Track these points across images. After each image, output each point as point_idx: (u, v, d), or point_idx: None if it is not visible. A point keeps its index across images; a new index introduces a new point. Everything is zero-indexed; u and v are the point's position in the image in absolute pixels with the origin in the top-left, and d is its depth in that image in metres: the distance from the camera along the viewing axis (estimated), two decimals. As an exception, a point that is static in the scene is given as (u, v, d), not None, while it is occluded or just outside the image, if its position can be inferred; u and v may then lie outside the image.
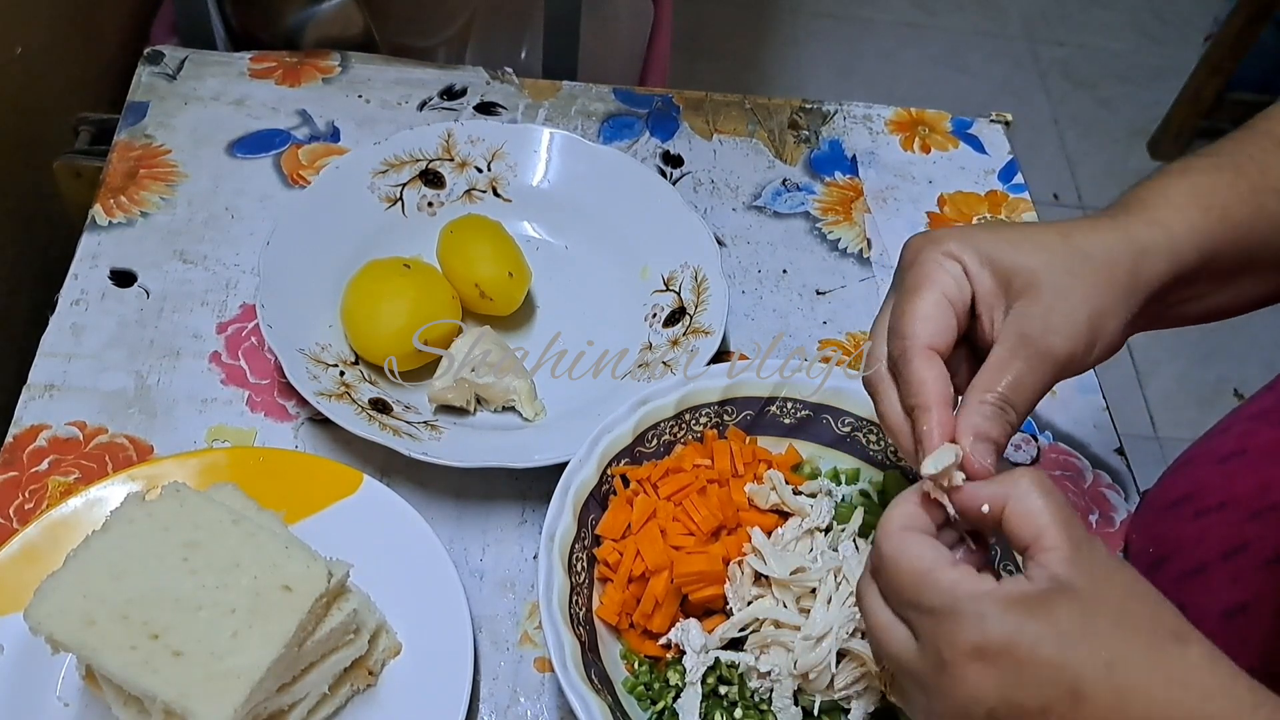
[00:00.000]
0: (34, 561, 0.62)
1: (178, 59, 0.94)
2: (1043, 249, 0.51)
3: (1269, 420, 0.62)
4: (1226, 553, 0.59)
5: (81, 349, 0.75)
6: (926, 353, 0.50)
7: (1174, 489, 0.68)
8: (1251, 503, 0.59)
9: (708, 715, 0.59)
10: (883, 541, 0.46)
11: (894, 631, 0.45)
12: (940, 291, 0.50)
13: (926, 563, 0.44)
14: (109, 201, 0.83)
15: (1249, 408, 0.66)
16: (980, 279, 0.51)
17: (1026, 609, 0.41)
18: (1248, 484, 0.60)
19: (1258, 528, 0.58)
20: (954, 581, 0.43)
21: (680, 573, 0.61)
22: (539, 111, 0.95)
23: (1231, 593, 0.58)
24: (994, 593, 0.42)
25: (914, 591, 0.44)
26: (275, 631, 0.54)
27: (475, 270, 0.77)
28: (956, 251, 0.51)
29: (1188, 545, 0.63)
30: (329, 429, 0.73)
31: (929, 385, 0.49)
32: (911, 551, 0.45)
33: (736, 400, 0.68)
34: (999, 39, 2.51)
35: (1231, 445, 0.64)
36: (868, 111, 1.00)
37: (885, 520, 0.47)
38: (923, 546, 0.45)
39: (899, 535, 0.46)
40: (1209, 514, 0.62)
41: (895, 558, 0.45)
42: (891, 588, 0.46)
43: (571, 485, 0.62)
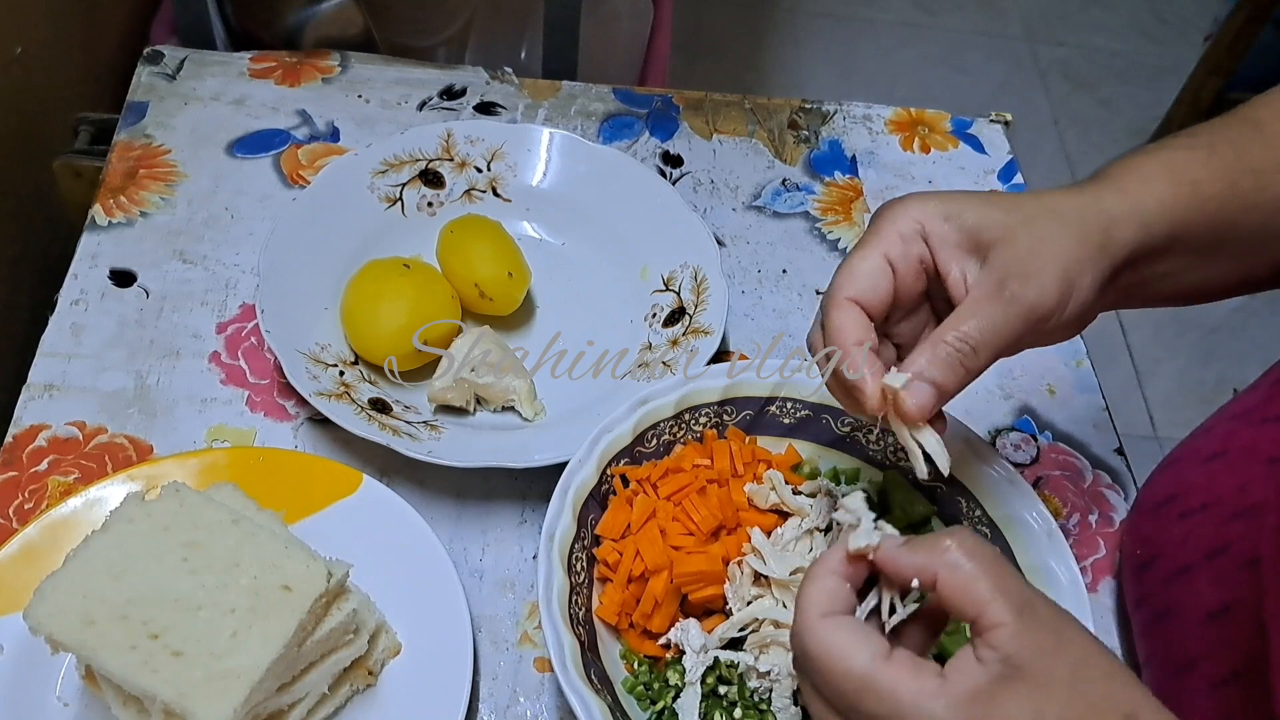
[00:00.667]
0: (33, 561, 0.62)
1: (177, 59, 0.94)
2: (1014, 206, 0.52)
3: (1250, 420, 0.62)
4: (1209, 553, 0.59)
5: (81, 349, 0.75)
6: (845, 303, 0.50)
7: (1160, 489, 0.68)
8: (1232, 503, 0.59)
9: (707, 715, 0.59)
10: (805, 635, 0.43)
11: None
12: (880, 252, 0.51)
13: (860, 663, 0.42)
14: (109, 201, 0.83)
15: (1233, 407, 0.66)
16: (942, 236, 0.51)
17: (978, 710, 0.40)
18: (1229, 484, 0.60)
19: (1238, 528, 0.58)
20: (894, 683, 0.41)
21: (680, 573, 0.61)
22: (539, 111, 0.95)
23: (1215, 594, 0.58)
24: (939, 694, 0.40)
25: (853, 697, 0.42)
26: (275, 631, 0.54)
27: (475, 270, 0.77)
28: (916, 213, 0.52)
29: (1173, 546, 0.63)
30: (329, 429, 0.73)
31: (844, 330, 0.50)
32: (840, 648, 0.42)
33: (736, 400, 0.68)
34: (999, 39, 2.51)
35: (1214, 446, 0.64)
36: (867, 111, 1.00)
37: (804, 606, 0.44)
38: (853, 640, 0.42)
39: (823, 627, 0.43)
40: (1193, 515, 0.62)
41: (824, 657, 0.42)
42: (827, 689, 0.43)
43: (571, 485, 0.62)
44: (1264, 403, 0.63)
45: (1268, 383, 0.64)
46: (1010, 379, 0.82)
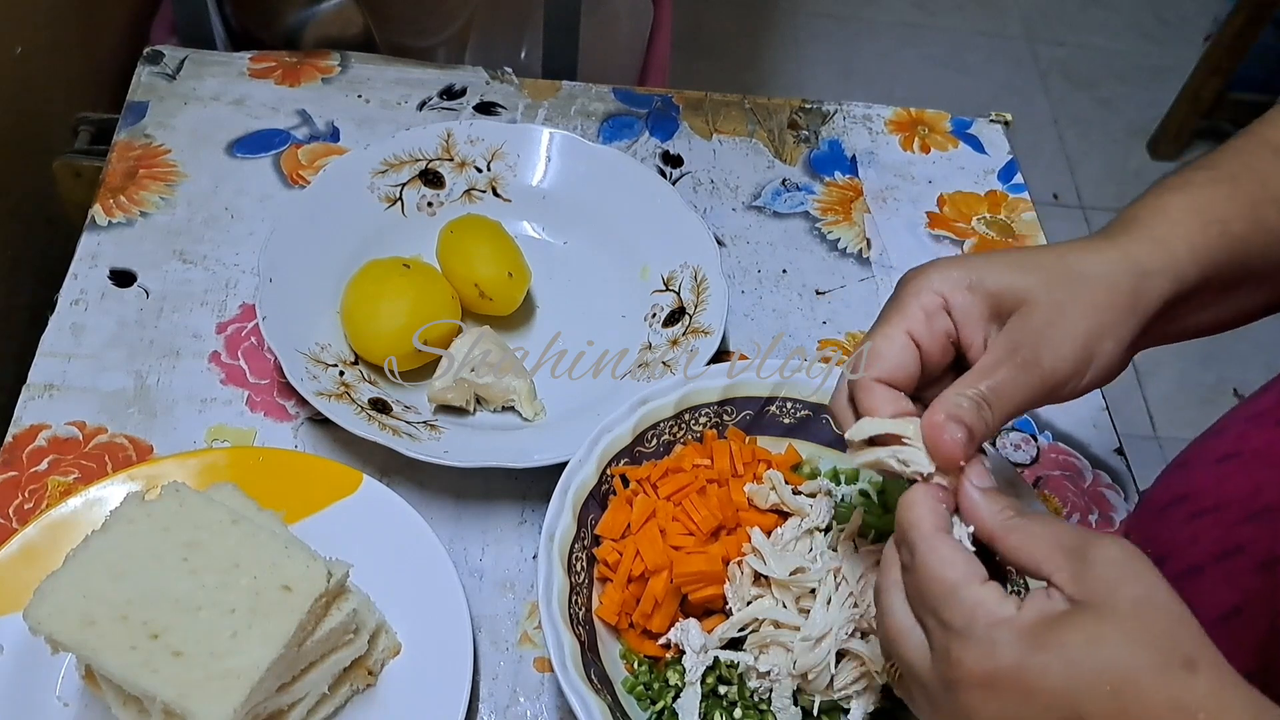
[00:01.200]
0: (33, 561, 0.62)
1: (177, 59, 0.94)
2: (1036, 269, 0.51)
3: (1264, 422, 0.62)
4: (1220, 555, 0.59)
5: (81, 349, 0.75)
6: (874, 385, 0.51)
7: (1170, 490, 0.67)
8: (1246, 505, 0.59)
9: (707, 715, 0.59)
10: (919, 542, 0.46)
11: (911, 638, 0.46)
12: (904, 329, 0.51)
13: (957, 575, 0.44)
14: (109, 201, 0.83)
15: (1246, 409, 0.66)
16: (965, 307, 0.51)
17: (1038, 638, 0.41)
18: (1242, 486, 0.60)
19: (1252, 530, 0.57)
20: (977, 602, 0.43)
21: (680, 573, 0.61)
22: (539, 111, 0.95)
23: (1226, 595, 0.58)
24: (1010, 621, 0.42)
25: (938, 601, 0.44)
26: (275, 631, 0.54)
27: (474, 270, 0.77)
28: (938, 284, 0.51)
29: (1183, 546, 0.63)
30: (329, 429, 0.73)
31: (879, 411, 0.50)
32: (946, 559, 0.45)
33: (736, 400, 0.68)
34: (999, 39, 2.51)
35: (1227, 447, 0.64)
36: (867, 111, 1.00)
37: (918, 521, 0.46)
38: (956, 557, 0.45)
39: (936, 539, 0.46)
40: (1204, 515, 0.62)
41: (929, 564, 0.45)
42: (918, 591, 0.45)
43: (571, 485, 0.62)
44: (1276, 406, 0.62)
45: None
46: (1010, 379, 0.82)
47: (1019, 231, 0.92)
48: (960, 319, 0.51)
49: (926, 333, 0.51)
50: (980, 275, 0.51)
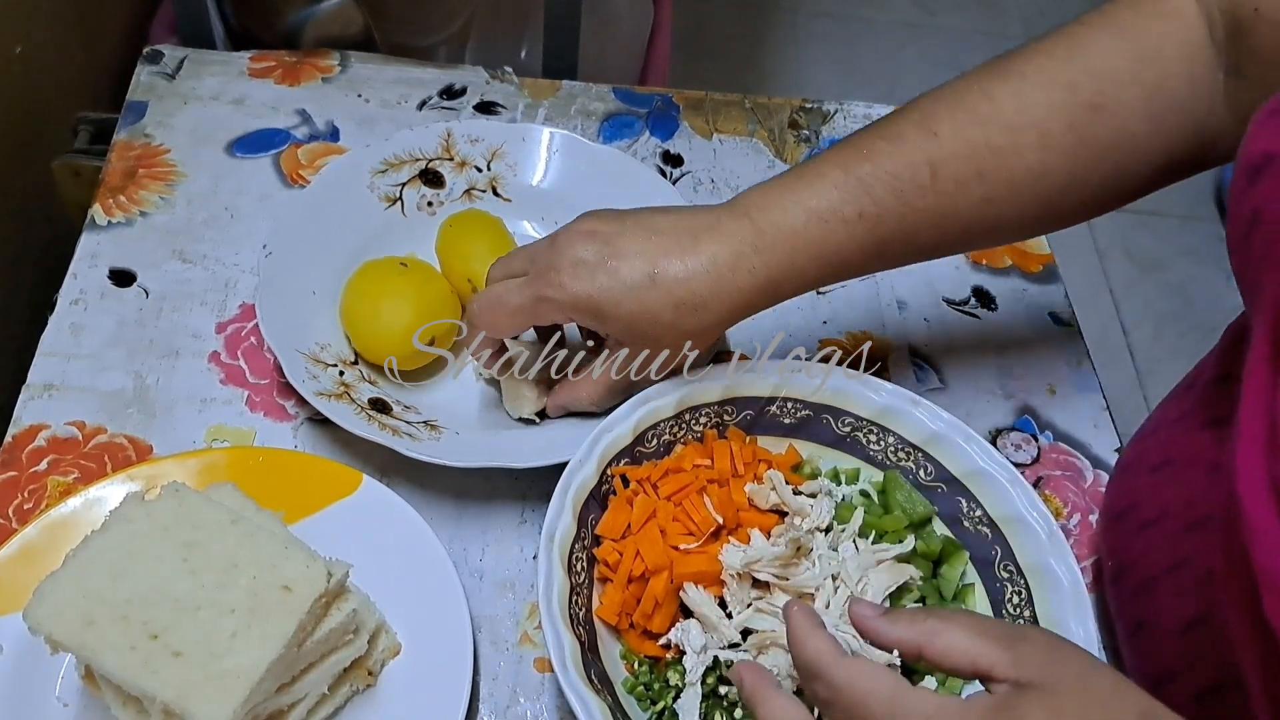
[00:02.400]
0: (33, 561, 0.61)
1: (177, 58, 0.94)
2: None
3: (1189, 427, 0.62)
4: (1170, 567, 0.59)
5: (80, 349, 0.75)
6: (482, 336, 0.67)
7: (1119, 500, 0.67)
8: (1182, 517, 0.59)
9: (708, 715, 0.59)
10: (833, 669, 0.45)
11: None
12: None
13: (889, 685, 0.44)
14: (108, 201, 0.83)
15: (1169, 410, 0.66)
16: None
17: (1005, 712, 0.42)
18: (1176, 498, 0.60)
19: (1193, 542, 0.57)
20: (922, 699, 0.43)
21: (680, 573, 0.61)
22: (539, 111, 0.95)
23: (1184, 606, 0.58)
24: (965, 708, 0.42)
25: (885, 716, 0.44)
26: (274, 632, 0.54)
27: (469, 266, 0.76)
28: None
29: (1137, 558, 0.63)
30: (328, 429, 0.73)
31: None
32: (867, 676, 0.44)
33: (736, 400, 0.68)
34: (999, 39, 2.51)
35: (1158, 455, 0.64)
36: (868, 111, 1.00)
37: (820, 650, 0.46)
38: (875, 670, 0.45)
39: (847, 662, 0.46)
40: (1150, 527, 0.62)
41: (856, 685, 0.45)
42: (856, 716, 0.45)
43: (571, 485, 0.62)
44: (1201, 406, 0.62)
45: (1203, 384, 0.63)
46: (1010, 379, 0.82)
47: (1019, 231, 0.92)
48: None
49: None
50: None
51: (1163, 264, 1.99)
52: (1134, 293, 2.04)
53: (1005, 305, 0.86)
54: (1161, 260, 2.00)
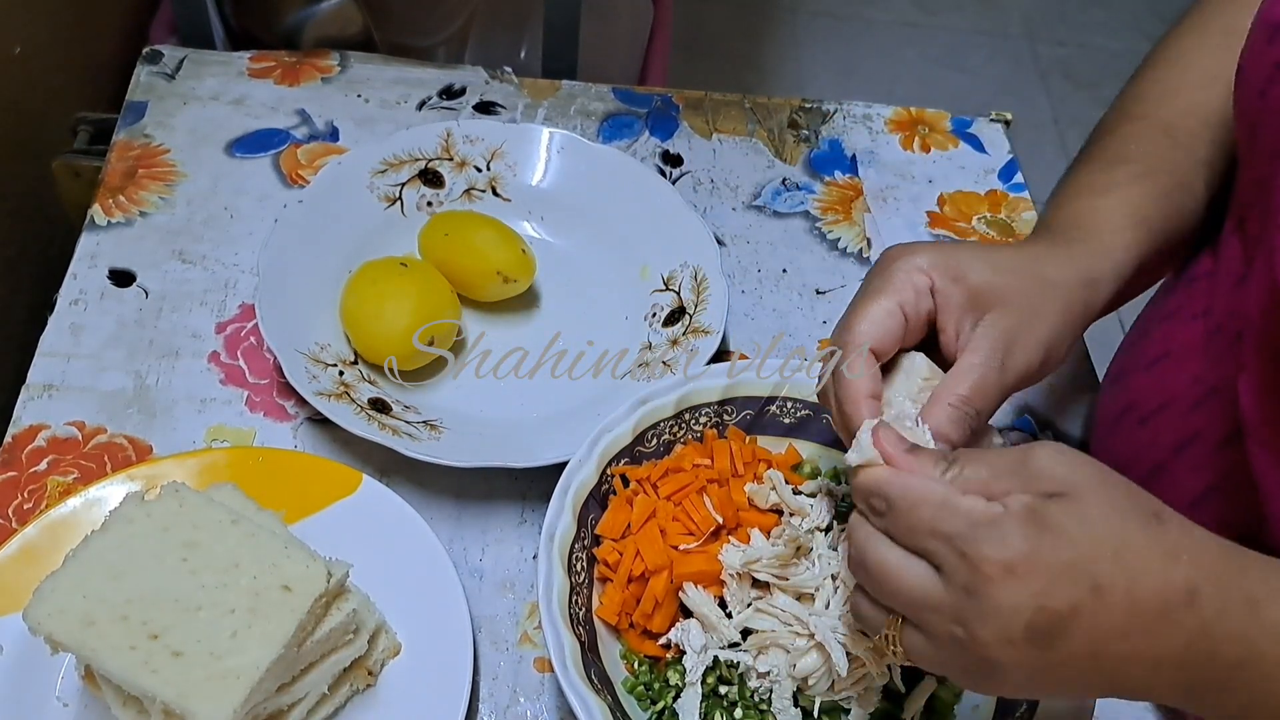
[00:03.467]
0: (33, 562, 0.61)
1: (176, 58, 0.94)
2: (1012, 272, 0.55)
3: (1181, 318, 0.65)
4: (1179, 447, 0.62)
5: (80, 349, 0.75)
6: (862, 352, 0.54)
7: (1114, 404, 0.70)
8: (1188, 397, 0.62)
9: (708, 715, 0.59)
10: (893, 483, 0.48)
11: (911, 569, 0.46)
12: (896, 300, 0.54)
13: (940, 493, 0.46)
14: (108, 201, 0.83)
15: (1157, 311, 0.69)
16: (948, 293, 0.55)
17: (1038, 522, 0.44)
18: (1180, 382, 0.63)
19: (1202, 416, 0.60)
20: (971, 507, 0.45)
21: (680, 573, 0.61)
22: (538, 111, 0.95)
23: (1195, 480, 0.60)
24: (1006, 515, 0.44)
25: (934, 520, 0.46)
26: (275, 631, 0.54)
27: (492, 258, 0.77)
28: (927, 266, 0.55)
29: (1142, 450, 0.65)
30: (328, 429, 0.73)
31: (859, 387, 0.53)
32: (926, 484, 0.47)
33: (736, 400, 0.68)
34: (999, 39, 2.51)
35: (1155, 350, 0.67)
36: (867, 111, 1.00)
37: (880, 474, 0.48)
38: (929, 480, 0.47)
39: (907, 475, 0.48)
40: (1153, 417, 0.65)
41: (911, 492, 0.47)
42: (907, 524, 0.47)
43: (571, 485, 0.62)
44: (1189, 300, 0.66)
45: (1187, 279, 0.67)
46: (1010, 378, 0.82)
47: (1019, 231, 0.92)
48: (942, 304, 0.55)
49: (914, 308, 0.54)
50: (965, 268, 0.55)
51: (1162, 264, 1.99)
52: (1134, 292, 2.04)
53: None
54: (1161, 260, 2.00)
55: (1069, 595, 0.43)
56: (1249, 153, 0.58)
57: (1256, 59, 0.56)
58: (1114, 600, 0.43)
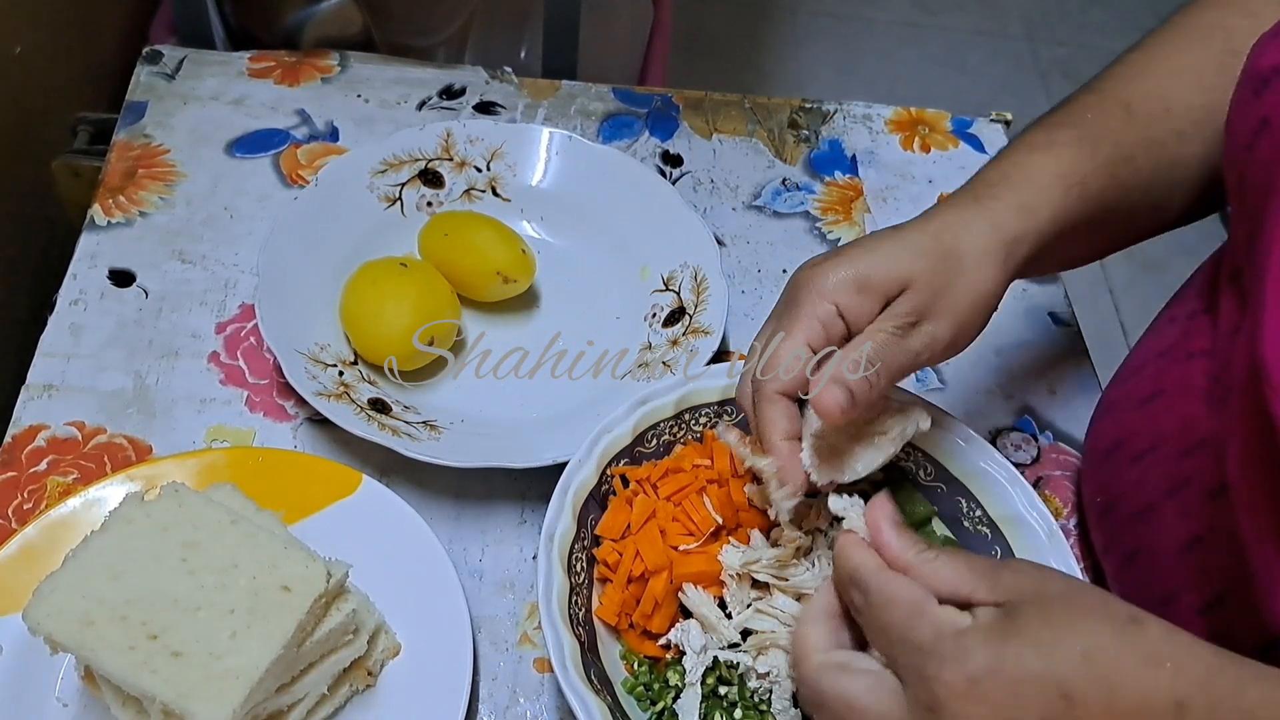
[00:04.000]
0: (33, 562, 0.61)
1: (176, 58, 0.94)
2: (920, 255, 0.56)
3: (1175, 357, 0.65)
4: (1170, 490, 0.61)
5: (80, 349, 0.75)
6: (775, 397, 0.56)
7: (1105, 436, 0.69)
8: (1180, 442, 0.61)
9: (707, 715, 0.59)
10: (872, 577, 0.48)
11: (884, 684, 0.46)
12: (804, 340, 0.55)
13: (919, 594, 0.46)
14: (107, 201, 0.83)
15: (1154, 344, 0.68)
16: (857, 308, 0.55)
17: (1001, 634, 0.43)
18: (1172, 424, 0.62)
19: (1194, 463, 0.60)
20: (940, 617, 0.45)
21: (679, 573, 0.61)
22: (538, 111, 0.95)
23: (1184, 527, 0.60)
24: (972, 628, 0.44)
25: (904, 626, 0.45)
26: (274, 632, 0.54)
27: (492, 258, 0.77)
28: (830, 289, 0.55)
29: (1132, 487, 0.65)
30: (328, 429, 0.73)
31: (776, 425, 0.55)
32: (904, 584, 0.47)
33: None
34: (999, 39, 2.51)
35: (1148, 388, 0.66)
36: (867, 111, 1.00)
37: (864, 561, 0.49)
38: (906, 580, 0.47)
39: (888, 572, 0.48)
40: (1144, 457, 0.64)
41: (888, 591, 0.47)
42: (880, 624, 0.47)
43: (571, 485, 0.62)
44: (1184, 339, 0.65)
45: (1183, 316, 0.66)
46: (1010, 379, 0.82)
47: (1019, 231, 0.92)
48: (853, 320, 0.56)
49: (823, 340, 0.56)
50: (866, 272, 0.55)
51: (1163, 264, 1.99)
52: (1134, 293, 2.04)
53: (1005, 305, 0.85)
54: (1161, 260, 2.00)
55: (1037, 708, 0.41)
56: (1239, 205, 0.58)
57: (1243, 111, 0.55)
58: (1089, 711, 0.41)
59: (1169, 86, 0.63)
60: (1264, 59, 0.54)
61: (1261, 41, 0.55)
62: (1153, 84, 0.64)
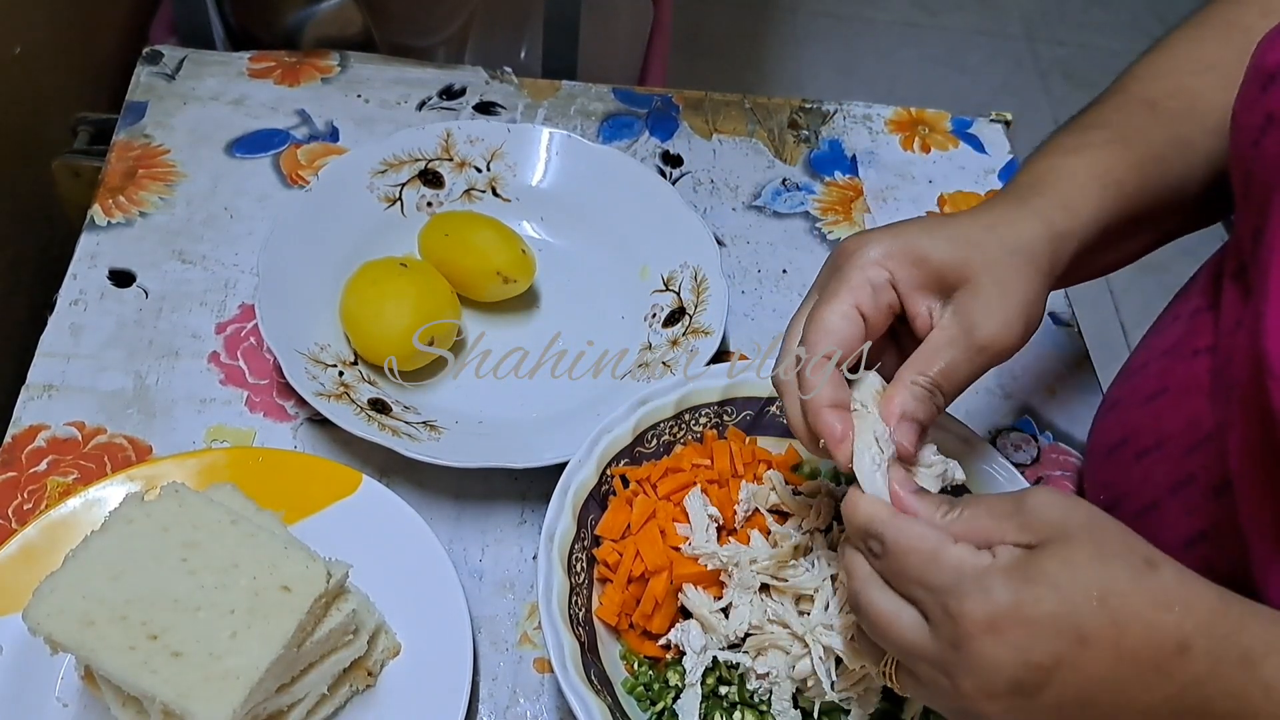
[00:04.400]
0: (33, 562, 0.61)
1: (176, 58, 0.94)
2: (974, 245, 0.54)
3: (1180, 355, 0.65)
4: (1174, 487, 0.62)
5: (80, 349, 0.75)
6: (822, 364, 0.53)
7: (1109, 434, 0.70)
8: (1185, 438, 0.61)
9: (707, 715, 0.59)
10: (886, 526, 0.48)
11: (903, 618, 0.47)
12: (852, 302, 0.53)
13: (933, 540, 0.47)
14: (108, 201, 0.83)
15: (1158, 342, 0.68)
16: (911, 280, 0.54)
17: (1023, 574, 0.44)
18: (1177, 421, 0.63)
19: (1199, 459, 0.60)
20: (959, 559, 0.46)
21: (680, 573, 0.61)
22: (538, 111, 0.95)
23: (1188, 523, 0.60)
24: (992, 567, 0.45)
25: (923, 570, 0.46)
26: (274, 632, 0.54)
27: (492, 258, 0.77)
28: (882, 257, 0.54)
29: (1136, 485, 0.65)
30: (328, 429, 0.73)
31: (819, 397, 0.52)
32: (917, 532, 0.47)
33: (736, 400, 0.68)
34: (999, 39, 2.51)
35: (1152, 385, 0.66)
36: (867, 111, 1.00)
37: (876, 511, 0.49)
38: (924, 527, 0.48)
39: (901, 519, 0.48)
40: (1148, 454, 0.64)
41: (903, 540, 0.47)
42: (898, 570, 0.47)
43: (571, 485, 0.62)
44: (1188, 336, 0.65)
45: (1186, 314, 0.66)
46: (1010, 379, 0.82)
47: (1019, 231, 0.92)
48: (905, 292, 0.54)
49: (872, 306, 0.53)
50: (925, 250, 0.54)
51: (1163, 264, 1.99)
52: (1134, 293, 2.04)
53: (1005, 305, 0.86)
54: (1161, 260, 2.00)
55: (1052, 647, 0.43)
56: (1244, 201, 0.58)
57: (1250, 107, 0.55)
58: (1100, 651, 0.43)
59: (1192, 85, 0.64)
60: (1270, 55, 0.54)
61: (1269, 38, 0.55)
62: (1176, 83, 0.64)
